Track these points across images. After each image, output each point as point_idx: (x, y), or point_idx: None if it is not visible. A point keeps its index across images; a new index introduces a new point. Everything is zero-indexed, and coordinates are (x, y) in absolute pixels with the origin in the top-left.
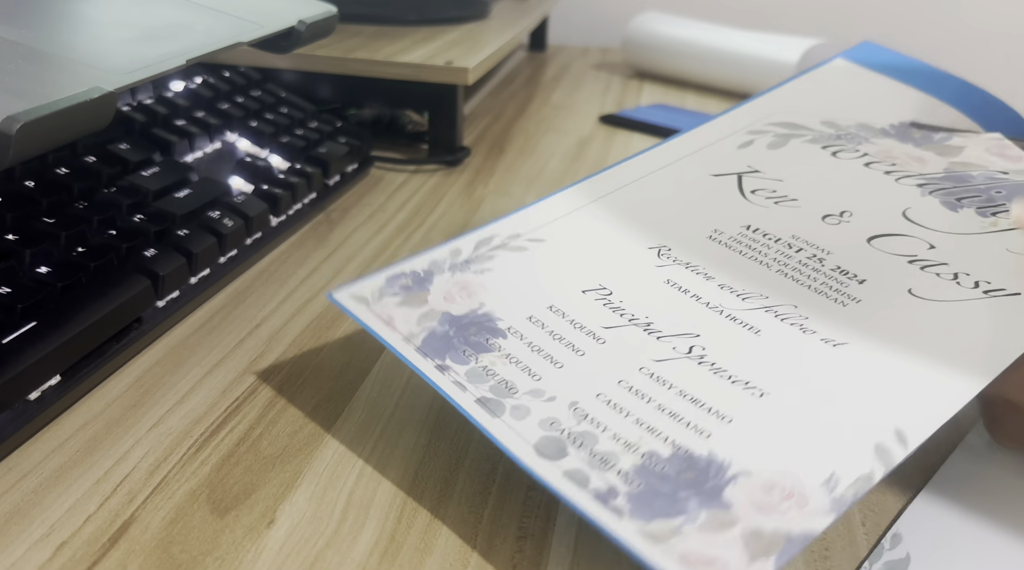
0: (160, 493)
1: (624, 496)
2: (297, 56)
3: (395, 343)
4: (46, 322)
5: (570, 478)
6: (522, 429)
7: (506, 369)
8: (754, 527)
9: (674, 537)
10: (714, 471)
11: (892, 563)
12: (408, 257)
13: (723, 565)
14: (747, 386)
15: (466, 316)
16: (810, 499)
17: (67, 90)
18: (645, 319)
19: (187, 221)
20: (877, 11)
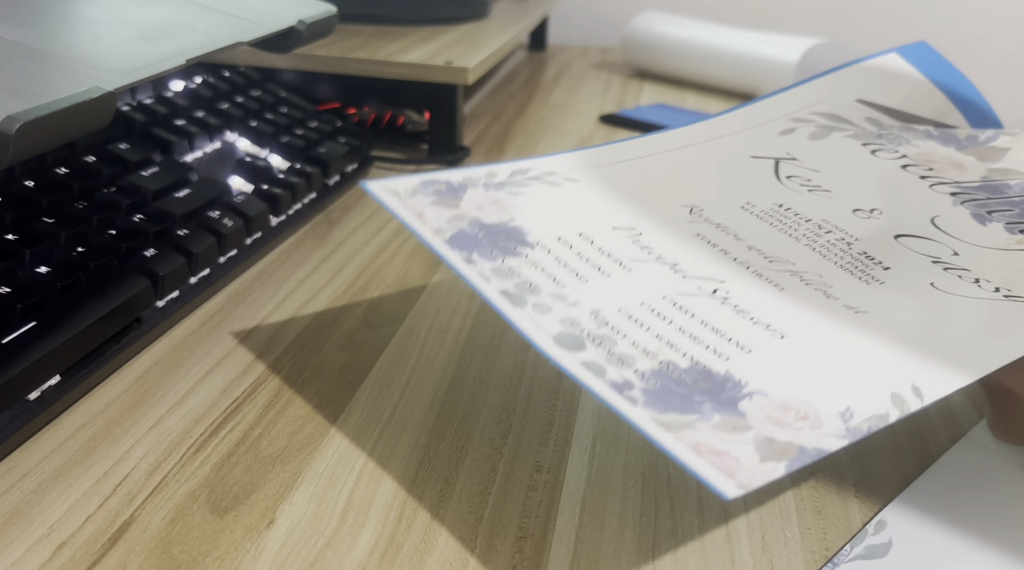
0: (160, 493)
1: (640, 390)
2: (297, 56)
3: (425, 234)
4: (46, 322)
5: (587, 367)
6: (543, 322)
7: (531, 272)
8: (767, 435)
9: (686, 429)
10: (731, 386)
11: (873, 548)
12: (443, 169)
13: (734, 459)
14: (768, 328)
15: (496, 225)
16: (824, 423)
17: (67, 90)
18: (672, 260)
19: (187, 221)
20: (877, 11)
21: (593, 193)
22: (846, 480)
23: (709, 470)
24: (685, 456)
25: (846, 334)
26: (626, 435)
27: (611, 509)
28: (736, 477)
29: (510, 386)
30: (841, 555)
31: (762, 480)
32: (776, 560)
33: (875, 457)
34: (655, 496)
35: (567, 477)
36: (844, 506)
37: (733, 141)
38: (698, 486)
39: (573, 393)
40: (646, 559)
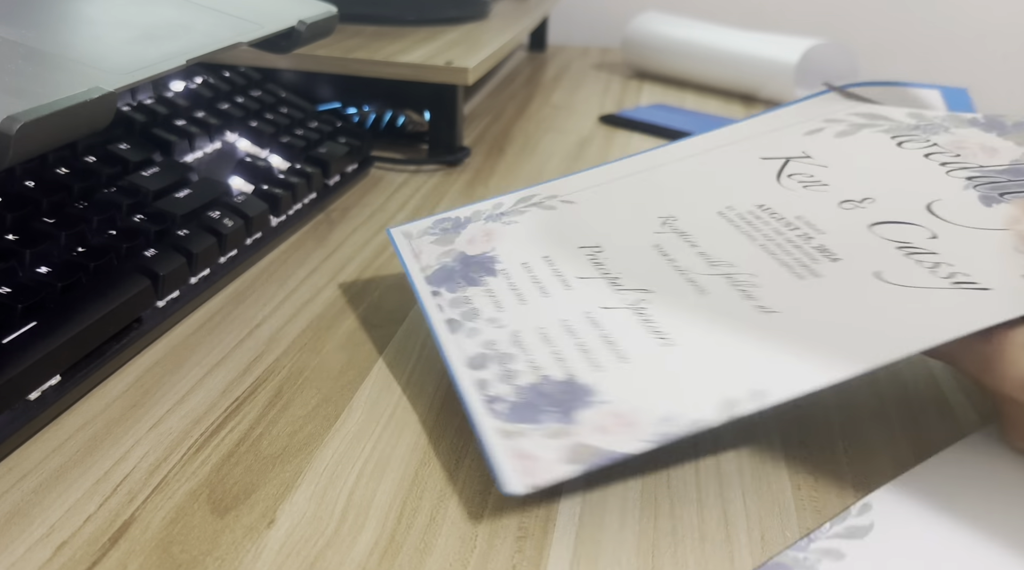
0: (160, 493)
1: (506, 404)
2: (297, 56)
3: (412, 271)
4: (46, 322)
5: (476, 385)
6: (467, 345)
7: (481, 300)
8: (584, 442)
9: (519, 437)
10: (583, 396)
11: (853, 528)
12: (461, 206)
13: (535, 460)
14: (661, 336)
15: (475, 257)
16: (639, 428)
17: (67, 90)
18: (616, 274)
19: (187, 221)
20: (877, 11)
21: (580, 213)
22: (845, 481)
23: (507, 470)
24: (497, 458)
25: (727, 337)
26: None
27: (611, 509)
28: (527, 476)
29: None
30: (820, 531)
31: (550, 480)
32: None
33: (875, 458)
34: (655, 496)
35: None
36: (844, 506)
37: (749, 145)
38: (698, 486)
39: None
40: (646, 559)
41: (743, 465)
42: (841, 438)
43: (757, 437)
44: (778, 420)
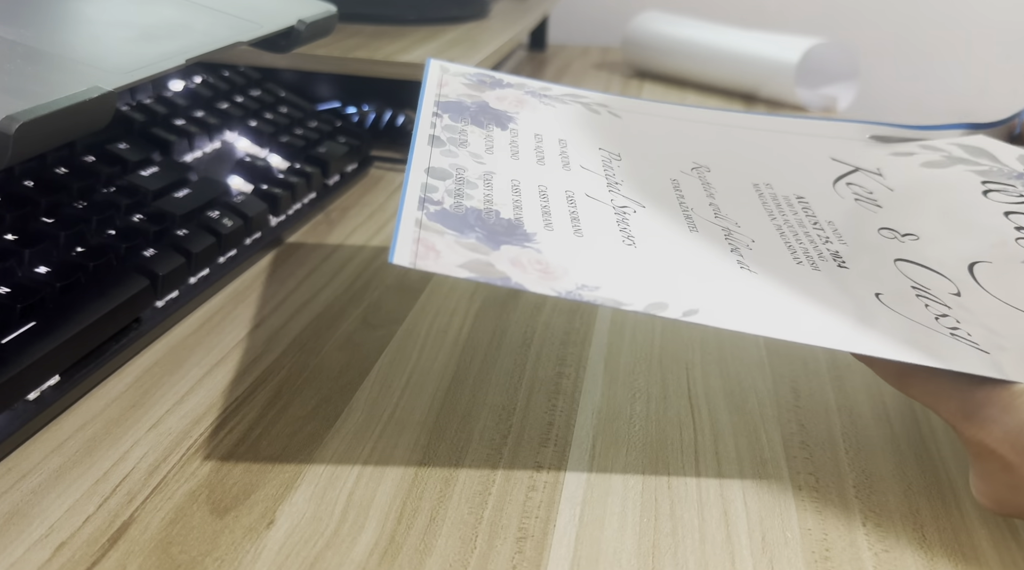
0: (159, 493)
1: (439, 207)
2: (296, 56)
3: (427, 94)
4: (45, 322)
5: (422, 186)
6: (436, 159)
7: (475, 138)
8: (492, 262)
9: (433, 233)
10: (519, 237)
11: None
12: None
13: (434, 252)
14: (627, 237)
15: (495, 110)
16: (554, 280)
17: (66, 90)
18: (619, 180)
19: (186, 221)
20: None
21: (619, 128)
22: (846, 481)
23: (404, 244)
24: (401, 233)
25: (690, 265)
26: (626, 435)
27: (611, 510)
28: (416, 257)
29: (510, 386)
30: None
31: (434, 268)
32: (776, 561)
33: (875, 458)
34: (655, 497)
35: (567, 477)
36: (844, 507)
37: (830, 143)
38: (698, 487)
39: (573, 393)
40: (646, 560)
41: (743, 465)
42: (842, 438)
43: (758, 437)
44: (779, 420)
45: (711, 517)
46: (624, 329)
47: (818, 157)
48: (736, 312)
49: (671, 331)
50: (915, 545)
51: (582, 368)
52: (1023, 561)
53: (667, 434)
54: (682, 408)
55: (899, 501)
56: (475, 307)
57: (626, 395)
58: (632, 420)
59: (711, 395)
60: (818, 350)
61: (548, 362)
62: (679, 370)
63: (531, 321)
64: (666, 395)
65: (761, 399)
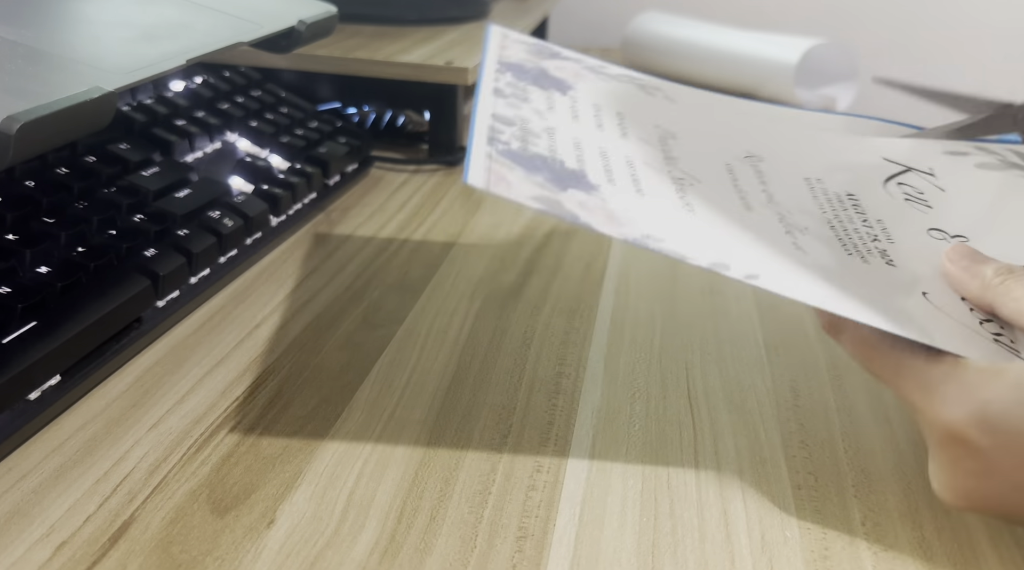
0: (160, 493)
1: (507, 147)
2: (297, 56)
3: (490, 53)
4: (46, 322)
5: (490, 129)
6: (500, 107)
7: (537, 97)
8: (560, 201)
9: (503, 167)
10: (584, 184)
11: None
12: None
13: (505, 180)
14: (686, 204)
15: (554, 77)
16: (620, 225)
17: (67, 90)
18: (676, 155)
19: (187, 221)
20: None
21: (673, 112)
22: (845, 480)
23: (478, 170)
24: (474, 158)
25: (748, 237)
26: (626, 435)
27: (611, 509)
28: (489, 183)
29: (510, 386)
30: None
31: (507, 193)
32: (775, 560)
33: (874, 457)
34: (655, 496)
35: (567, 477)
36: (843, 506)
37: (883, 143)
38: (698, 486)
39: (573, 393)
40: (645, 559)
41: (743, 465)
42: (841, 438)
43: (757, 437)
44: (778, 419)
45: (710, 516)
46: (624, 329)
47: (870, 156)
48: (794, 282)
49: (670, 331)
50: (914, 544)
51: (582, 368)
52: (1022, 560)
53: (667, 433)
54: (682, 408)
55: (898, 500)
56: (475, 307)
57: (626, 395)
58: (632, 420)
59: (710, 395)
60: (817, 350)
61: (548, 362)
62: (678, 370)
63: (531, 321)
64: (666, 395)
65: (760, 399)
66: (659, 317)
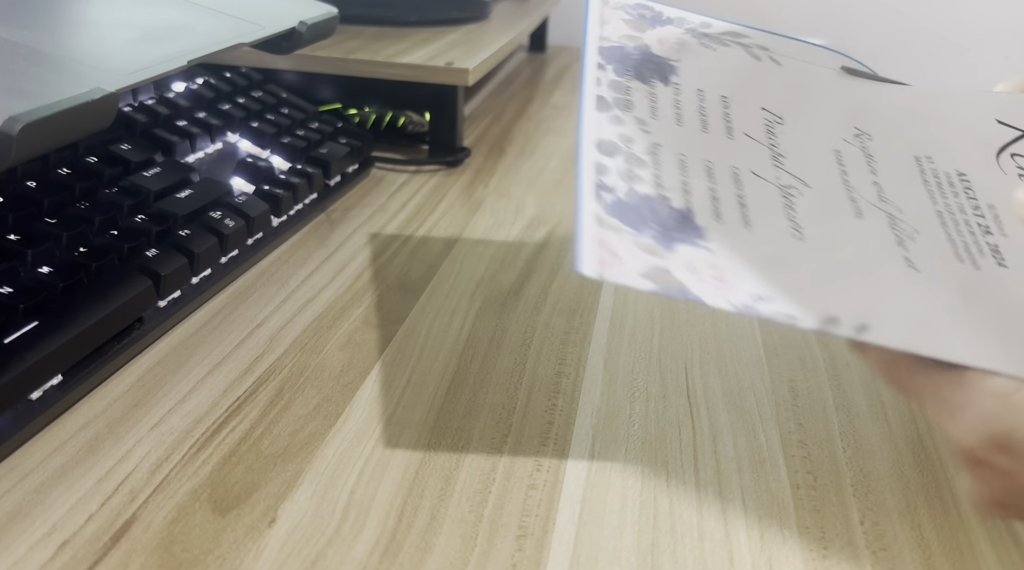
0: (162, 492)
1: (614, 196)
2: (298, 57)
3: (591, 35)
4: (48, 322)
5: (596, 167)
6: (604, 127)
7: (640, 98)
8: (668, 269)
9: (612, 231)
10: (690, 232)
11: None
12: (668, 5)
13: (617, 258)
14: (795, 226)
15: (657, 56)
16: (730, 289)
17: (69, 91)
18: (782, 152)
19: (188, 221)
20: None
21: (781, 78)
22: (844, 479)
23: (587, 252)
24: (584, 238)
25: (859, 261)
26: (625, 434)
27: (610, 508)
28: (602, 265)
29: (510, 386)
30: None
31: (619, 279)
32: (774, 559)
33: (873, 457)
34: (654, 495)
35: (567, 476)
36: (842, 505)
37: (995, 99)
38: (697, 486)
39: (572, 393)
40: (645, 558)
41: (742, 464)
42: (840, 437)
43: (756, 437)
44: (777, 419)
45: (710, 515)
46: (623, 329)
47: (982, 119)
48: (906, 330)
49: (670, 331)
50: (912, 543)
51: (582, 368)
52: (1020, 560)
53: (666, 433)
54: (681, 407)
55: (897, 500)
56: (475, 307)
57: (625, 394)
58: (631, 419)
59: (710, 394)
60: (816, 349)
61: (548, 362)
62: (678, 369)
63: (531, 321)
64: (665, 394)
65: (759, 398)
66: (658, 317)
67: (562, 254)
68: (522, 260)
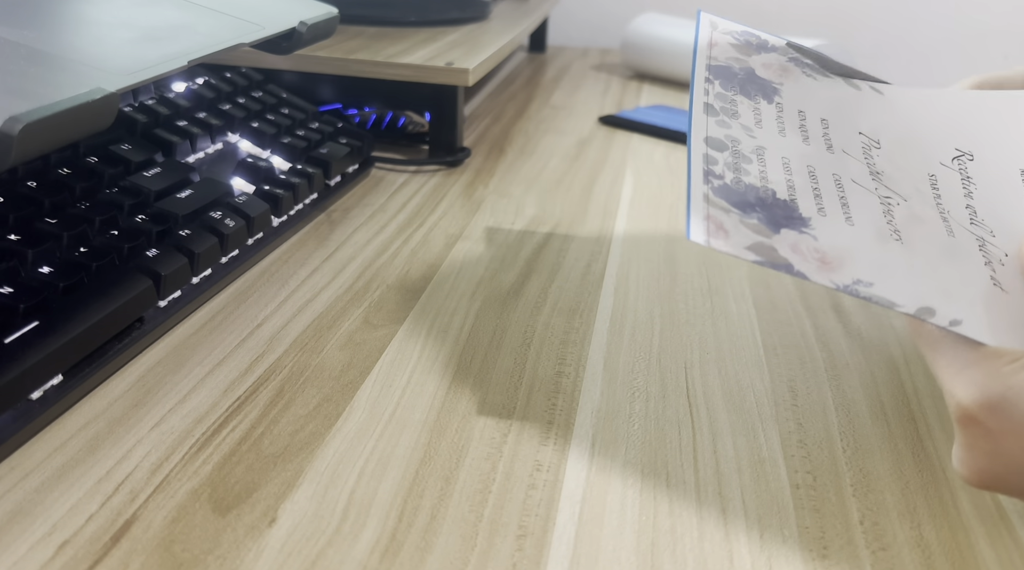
0: (162, 492)
1: (721, 180)
2: (298, 57)
3: (700, 52)
4: (48, 322)
5: (705, 158)
6: (712, 128)
7: (745, 109)
8: (775, 246)
9: (720, 210)
10: (797, 221)
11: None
12: (773, 34)
13: (723, 230)
14: (894, 230)
15: (761, 79)
16: (833, 271)
17: (69, 91)
18: (879, 170)
19: (189, 221)
20: (876, 11)
21: (881, 106)
22: (843, 479)
23: (697, 221)
24: (694, 209)
25: (952, 272)
26: (625, 434)
27: (610, 508)
28: (709, 235)
29: (510, 386)
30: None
31: (724, 248)
32: (774, 559)
33: (872, 456)
34: (654, 495)
35: (567, 476)
36: (841, 505)
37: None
38: (697, 486)
39: (572, 393)
40: (645, 557)
41: (742, 464)
42: (839, 437)
43: (756, 436)
44: (776, 419)
45: (709, 515)
46: (623, 329)
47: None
48: (994, 333)
49: (670, 331)
50: (912, 543)
51: (582, 367)
52: (1020, 559)
53: (666, 433)
54: (681, 407)
55: (896, 499)
56: (475, 307)
57: (625, 394)
58: (631, 419)
59: (709, 394)
60: (816, 349)
61: (548, 362)
62: (678, 369)
63: (531, 321)
64: (665, 394)
65: (759, 398)
66: (658, 317)
67: (562, 254)
68: (522, 260)
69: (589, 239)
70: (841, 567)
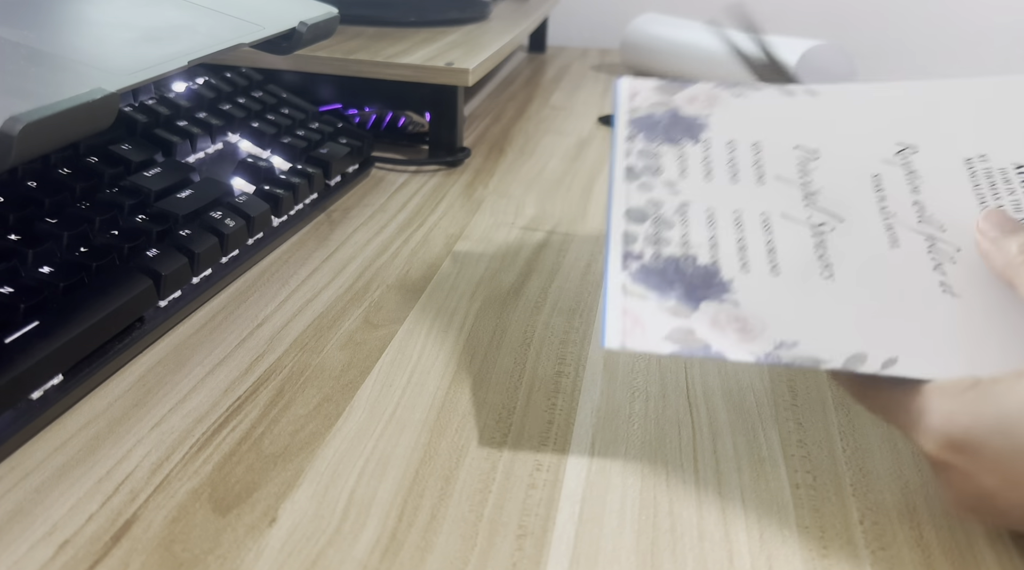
0: (162, 492)
1: (640, 263)
2: (298, 57)
3: (620, 108)
4: (48, 322)
5: (624, 237)
6: (634, 197)
7: (669, 161)
8: (693, 329)
9: (637, 299)
10: (715, 288)
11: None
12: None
13: (640, 326)
14: (825, 266)
15: (686, 117)
16: (754, 342)
17: (69, 91)
18: (816, 188)
19: (189, 221)
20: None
21: (817, 110)
22: (843, 479)
23: (612, 325)
24: (609, 311)
25: (890, 297)
26: (625, 434)
27: (610, 507)
28: (625, 335)
29: (510, 386)
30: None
31: (641, 346)
32: (774, 558)
33: (872, 456)
34: (654, 494)
35: (567, 475)
36: (841, 505)
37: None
38: (696, 485)
39: (572, 392)
40: (645, 557)
41: (741, 464)
42: (839, 437)
43: (756, 436)
44: (776, 419)
45: (709, 515)
46: None
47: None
48: (934, 360)
49: None
50: (912, 543)
51: (581, 367)
52: (1019, 559)
53: (666, 433)
54: (680, 407)
55: (896, 499)
56: (475, 307)
57: (625, 394)
58: (631, 419)
59: (709, 394)
60: None
61: (548, 361)
62: (677, 369)
63: (531, 321)
64: (665, 394)
65: (759, 398)
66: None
67: (562, 254)
68: (522, 260)
69: (589, 239)
70: (841, 567)
